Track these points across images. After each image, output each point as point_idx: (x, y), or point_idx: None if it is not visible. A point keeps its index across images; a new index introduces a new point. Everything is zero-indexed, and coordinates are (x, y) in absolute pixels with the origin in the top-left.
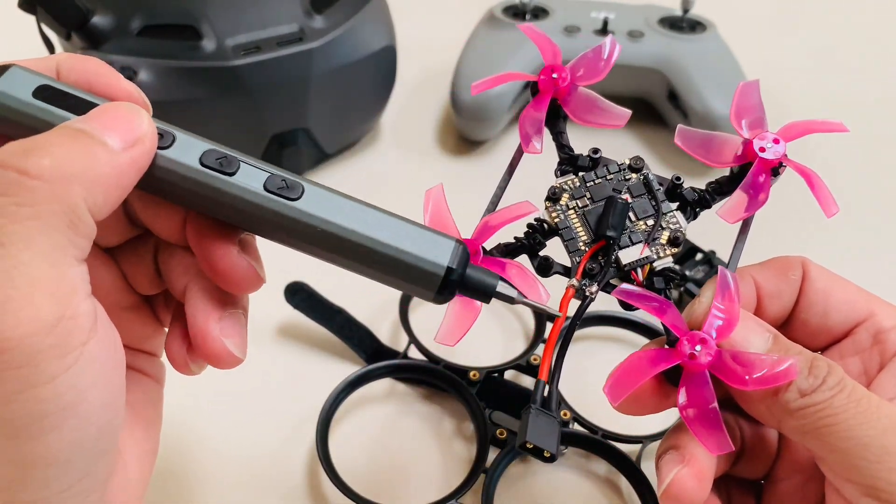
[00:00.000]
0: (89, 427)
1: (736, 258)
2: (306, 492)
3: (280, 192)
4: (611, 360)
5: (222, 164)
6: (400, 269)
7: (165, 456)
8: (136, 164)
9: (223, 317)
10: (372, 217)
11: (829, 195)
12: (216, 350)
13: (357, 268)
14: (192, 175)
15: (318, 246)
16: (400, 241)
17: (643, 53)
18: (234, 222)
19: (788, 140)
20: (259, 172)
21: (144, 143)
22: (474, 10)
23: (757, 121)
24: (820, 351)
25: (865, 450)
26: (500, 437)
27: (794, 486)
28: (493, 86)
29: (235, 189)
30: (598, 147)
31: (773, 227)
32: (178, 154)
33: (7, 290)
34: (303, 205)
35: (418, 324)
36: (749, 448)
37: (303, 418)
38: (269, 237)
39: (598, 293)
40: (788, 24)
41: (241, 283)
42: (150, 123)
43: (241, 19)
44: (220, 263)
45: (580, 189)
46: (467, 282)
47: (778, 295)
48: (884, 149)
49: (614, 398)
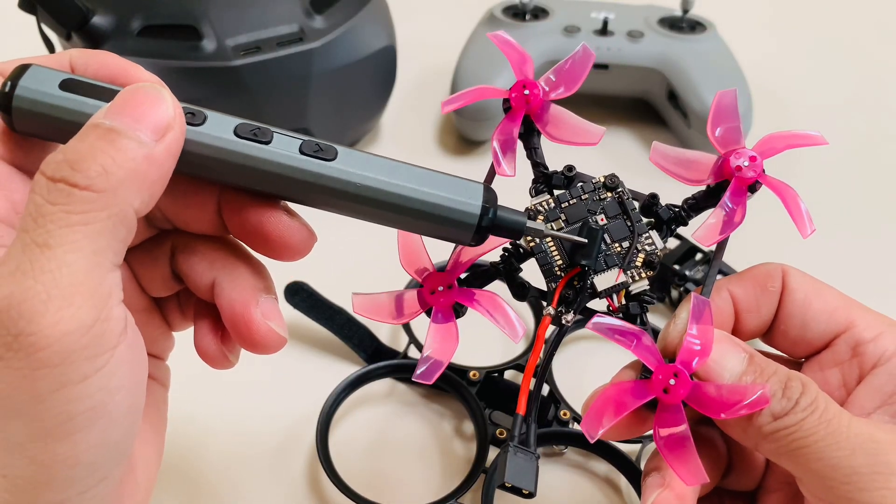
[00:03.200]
0: (115, 430)
1: (711, 280)
2: (306, 492)
3: (316, 154)
4: (610, 359)
5: (257, 134)
6: (439, 217)
7: (166, 455)
8: (171, 152)
9: (261, 302)
10: (405, 171)
11: (805, 215)
12: (263, 334)
13: (397, 219)
14: (231, 147)
15: (359, 203)
16: (436, 190)
17: (643, 53)
18: (275, 190)
19: (766, 157)
20: (292, 139)
21: (175, 129)
22: (474, 10)
23: (732, 130)
24: (802, 360)
25: (836, 471)
26: (499, 436)
27: (785, 497)
28: (465, 103)
29: (275, 156)
30: (590, 150)
31: (756, 228)
32: (212, 129)
33: (50, 290)
34: (340, 164)
35: (418, 324)
36: (737, 462)
37: (303, 418)
38: (308, 202)
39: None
40: (788, 24)
41: (298, 246)
42: (176, 104)
43: (242, 19)
44: (275, 230)
45: (555, 211)
46: (499, 221)
47: (756, 309)
48: (884, 148)
49: (591, 433)
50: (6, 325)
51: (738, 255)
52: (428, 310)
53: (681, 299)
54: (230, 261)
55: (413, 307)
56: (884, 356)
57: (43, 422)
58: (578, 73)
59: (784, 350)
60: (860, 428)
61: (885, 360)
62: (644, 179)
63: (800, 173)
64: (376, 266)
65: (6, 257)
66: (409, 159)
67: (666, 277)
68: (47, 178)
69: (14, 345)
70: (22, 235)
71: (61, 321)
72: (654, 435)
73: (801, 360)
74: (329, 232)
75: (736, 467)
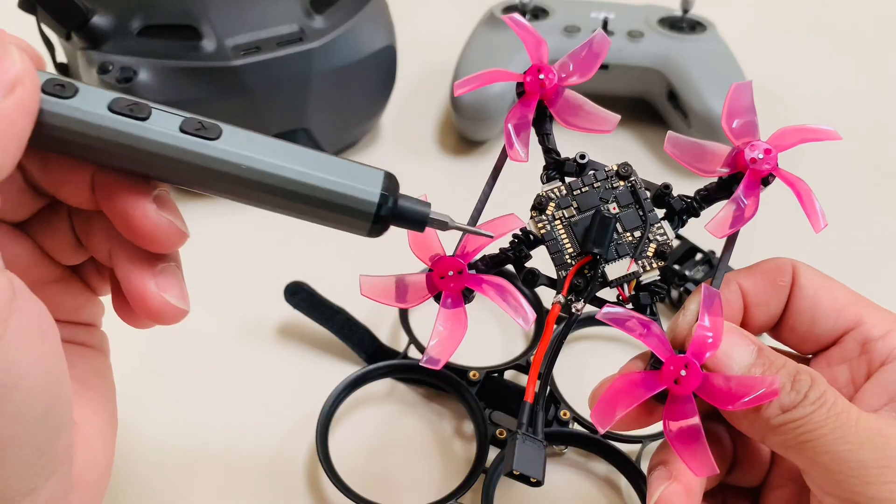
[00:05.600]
0: (34, 402)
1: (721, 273)
2: (306, 492)
3: (198, 132)
4: (610, 359)
5: (133, 110)
6: (332, 204)
7: (165, 455)
8: (24, 108)
9: (156, 273)
10: (297, 153)
11: (818, 209)
12: (158, 307)
13: (287, 207)
14: (102, 122)
15: (244, 186)
16: (329, 175)
17: (643, 53)
18: (151, 172)
19: (780, 150)
20: (173, 116)
21: (25, 84)
22: (474, 10)
23: (748, 124)
24: (810, 356)
25: (844, 464)
26: (499, 436)
27: (790, 493)
28: (479, 86)
29: (150, 133)
30: (590, 148)
31: (767, 223)
32: (83, 103)
33: None
34: (224, 144)
35: (418, 324)
36: (742, 458)
37: (303, 418)
38: (190, 185)
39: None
40: (788, 24)
41: (164, 242)
42: (24, 59)
43: (241, 19)
44: (139, 224)
45: (567, 198)
46: (400, 212)
47: (765, 303)
48: (887, 146)
49: (601, 424)
50: None
51: (744, 249)
52: (436, 295)
53: (681, 299)
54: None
55: (421, 292)
56: (893, 353)
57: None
58: (594, 59)
59: (792, 345)
60: (868, 422)
61: (894, 356)
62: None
63: (804, 169)
64: (376, 266)
65: None
66: (408, 159)
67: (665, 277)
68: None
69: None
70: None
71: None
72: (664, 426)
73: (809, 356)
74: (329, 231)
75: (740, 463)
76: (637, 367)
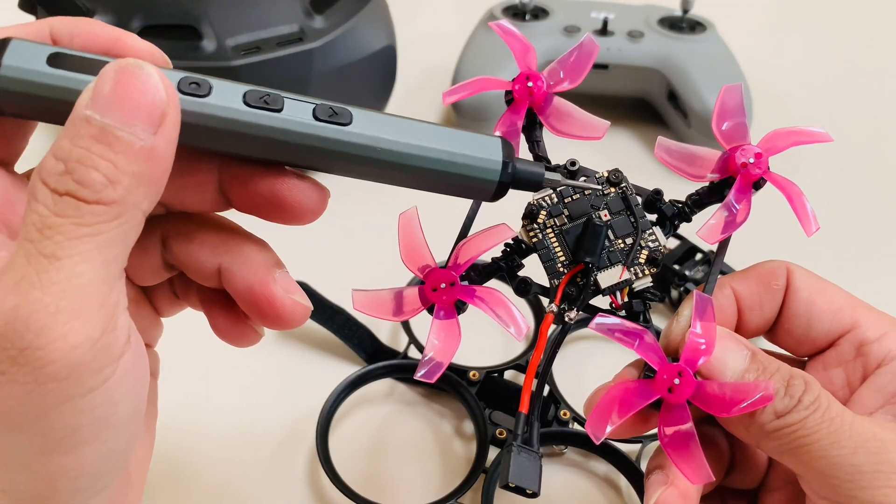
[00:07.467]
0: (119, 438)
1: (713, 278)
2: (306, 492)
3: (332, 119)
4: (610, 358)
5: (268, 102)
6: (460, 176)
7: (165, 455)
8: (170, 140)
9: (277, 278)
10: (423, 130)
11: (810, 212)
12: (288, 308)
13: (417, 180)
14: (241, 117)
15: (380, 167)
16: (455, 148)
17: (643, 53)
18: (291, 159)
19: (772, 153)
20: (305, 104)
21: (171, 114)
22: (474, 10)
23: (738, 126)
24: (805, 359)
25: (838, 469)
26: (499, 436)
27: (787, 496)
28: (467, 95)
29: (288, 123)
30: (590, 149)
31: (761, 226)
32: (219, 99)
33: (58, 302)
34: (356, 128)
35: (418, 324)
36: (740, 460)
37: (303, 418)
38: (325, 168)
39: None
40: (788, 24)
41: (315, 206)
42: (165, 82)
43: (242, 19)
44: (290, 195)
45: (558, 206)
46: (518, 174)
47: (760, 306)
48: (884, 148)
49: (597, 435)
50: (11, 339)
51: (738, 253)
52: (429, 307)
53: (681, 299)
54: (234, 243)
55: (414, 304)
56: (888, 356)
57: (47, 436)
58: (583, 64)
59: (788, 348)
60: (863, 426)
61: (889, 359)
62: (644, 179)
63: (799, 171)
64: (377, 266)
65: (8, 267)
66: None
67: (666, 277)
68: (51, 189)
69: (20, 359)
70: (25, 245)
71: (69, 334)
72: (658, 434)
73: (804, 358)
74: (329, 232)
75: (738, 466)
76: (631, 374)
